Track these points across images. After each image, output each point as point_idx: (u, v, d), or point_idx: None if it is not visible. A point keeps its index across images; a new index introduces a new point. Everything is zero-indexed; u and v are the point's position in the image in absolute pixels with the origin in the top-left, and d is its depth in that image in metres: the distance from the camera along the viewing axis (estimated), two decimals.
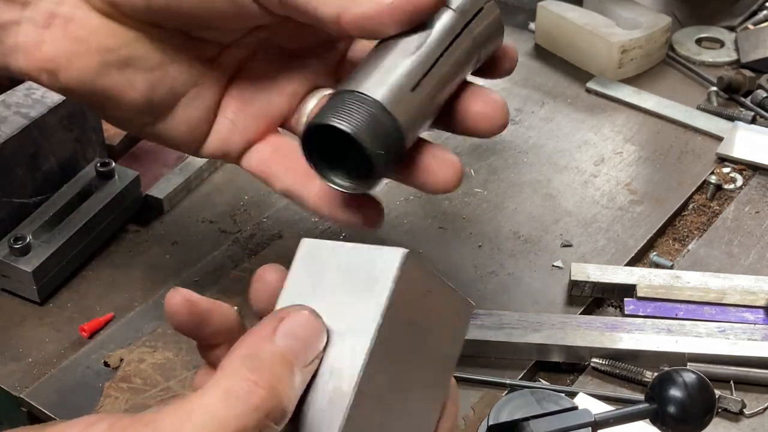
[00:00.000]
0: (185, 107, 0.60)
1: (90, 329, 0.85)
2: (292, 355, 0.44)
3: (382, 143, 0.53)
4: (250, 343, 0.44)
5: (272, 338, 0.44)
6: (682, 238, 0.98)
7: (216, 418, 0.40)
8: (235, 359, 0.43)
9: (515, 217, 1.00)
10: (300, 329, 0.45)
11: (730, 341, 0.84)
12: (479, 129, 0.59)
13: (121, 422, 0.41)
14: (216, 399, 0.41)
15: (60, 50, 0.56)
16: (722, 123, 1.11)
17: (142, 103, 0.58)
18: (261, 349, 0.44)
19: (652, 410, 0.64)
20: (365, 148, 0.53)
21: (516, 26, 1.27)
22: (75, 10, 0.55)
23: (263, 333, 0.45)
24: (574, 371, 0.84)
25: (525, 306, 0.89)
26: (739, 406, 0.80)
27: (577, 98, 1.16)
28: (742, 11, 1.29)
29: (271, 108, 0.63)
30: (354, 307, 0.46)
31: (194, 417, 0.40)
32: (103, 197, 0.93)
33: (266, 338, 0.44)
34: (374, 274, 0.45)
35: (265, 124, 0.63)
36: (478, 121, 0.59)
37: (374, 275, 0.45)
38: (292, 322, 0.45)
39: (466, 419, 0.80)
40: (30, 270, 0.86)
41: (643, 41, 1.17)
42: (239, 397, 0.41)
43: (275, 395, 0.42)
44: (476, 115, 0.59)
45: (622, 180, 1.04)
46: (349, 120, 0.52)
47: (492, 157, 1.07)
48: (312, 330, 0.45)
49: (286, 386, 0.43)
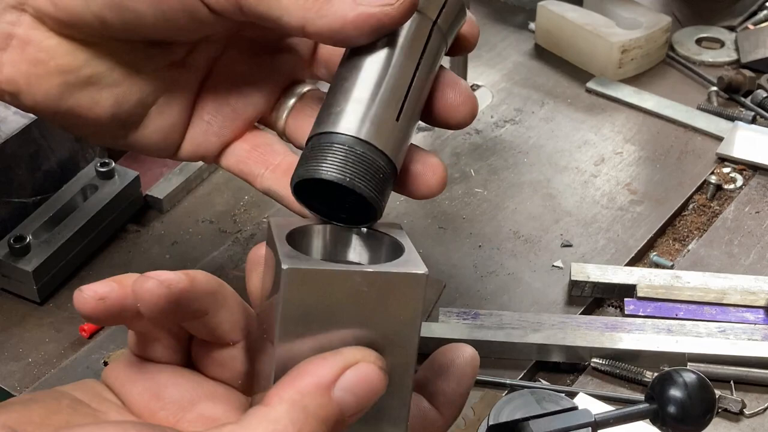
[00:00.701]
0: (157, 115, 0.58)
1: (90, 329, 0.85)
2: (343, 413, 0.42)
3: (378, 184, 0.49)
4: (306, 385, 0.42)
5: (330, 389, 0.42)
6: (682, 238, 0.98)
7: None
8: (284, 401, 0.41)
9: (515, 217, 1.00)
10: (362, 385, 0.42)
11: (730, 341, 0.84)
12: (451, 121, 0.56)
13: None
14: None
15: (19, 73, 0.54)
16: (722, 123, 1.11)
17: (110, 119, 0.56)
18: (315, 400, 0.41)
19: (652, 410, 0.64)
20: (363, 196, 0.49)
21: (516, 26, 1.27)
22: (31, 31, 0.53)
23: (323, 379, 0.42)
24: (574, 371, 0.84)
25: (525, 306, 0.89)
26: (739, 406, 0.80)
27: (577, 98, 1.16)
28: (742, 11, 1.29)
29: (247, 107, 0.60)
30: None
31: None
32: (103, 197, 0.93)
33: (324, 387, 0.42)
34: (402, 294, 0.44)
35: (243, 123, 0.61)
36: (450, 113, 0.56)
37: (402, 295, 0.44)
38: (356, 377, 0.42)
39: (466, 419, 0.80)
40: (30, 270, 0.86)
41: (643, 41, 1.17)
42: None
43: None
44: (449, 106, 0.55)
45: (622, 180, 1.04)
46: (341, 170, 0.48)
47: (492, 157, 1.07)
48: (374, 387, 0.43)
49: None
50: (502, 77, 1.19)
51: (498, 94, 1.17)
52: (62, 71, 0.53)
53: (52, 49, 0.52)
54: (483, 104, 1.15)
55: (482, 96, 1.17)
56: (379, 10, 0.46)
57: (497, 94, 1.17)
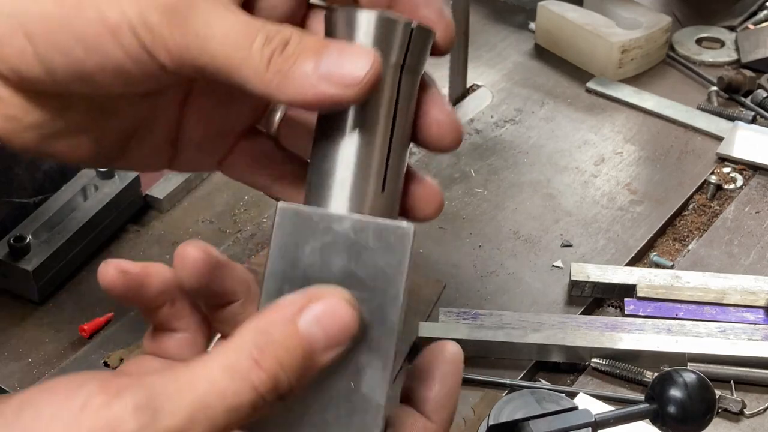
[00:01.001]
0: (139, 143, 0.57)
1: (90, 329, 0.85)
2: (311, 346, 0.41)
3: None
4: (270, 318, 0.42)
5: (295, 320, 0.42)
6: (682, 238, 0.98)
7: (216, 390, 0.40)
8: (247, 331, 0.41)
9: (515, 217, 1.00)
10: (329, 318, 0.42)
11: (730, 341, 0.84)
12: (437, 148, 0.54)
13: (114, 382, 0.40)
14: (218, 371, 0.40)
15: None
16: (722, 123, 1.11)
17: (94, 157, 0.56)
18: (278, 329, 0.41)
19: (653, 410, 0.64)
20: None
21: (516, 26, 1.27)
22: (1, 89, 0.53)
23: (287, 311, 0.42)
24: (574, 371, 0.84)
25: (525, 306, 0.89)
26: (739, 406, 0.80)
27: (577, 98, 1.16)
28: (742, 11, 1.29)
29: (234, 121, 0.59)
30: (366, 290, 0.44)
31: (195, 386, 0.40)
32: (103, 197, 0.93)
33: (288, 318, 0.42)
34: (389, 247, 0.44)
35: (233, 137, 0.60)
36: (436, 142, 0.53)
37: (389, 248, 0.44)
38: (322, 308, 0.42)
39: (466, 419, 0.80)
40: (30, 270, 0.86)
41: (643, 41, 1.17)
42: (238, 373, 0.40)
43: (275, 380, 0.41)
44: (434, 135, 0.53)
45: (622, 180, 1.04)
46: None
47: (492, 157, 1.07)
48: (344, 323, 0.42)
49: (292, 375, 0.41)
50: (502, 77, 1.19)
51: (498, 94, 1.17)
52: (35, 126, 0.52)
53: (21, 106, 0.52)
54: (483, 104, 1.15)
55: (482, 96, 1.17)
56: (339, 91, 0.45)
57: (497, 94, 1.17)
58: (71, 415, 0.39)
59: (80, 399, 0.39)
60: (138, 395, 0.39)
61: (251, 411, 0.40)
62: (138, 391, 0.39)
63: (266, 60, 0.45)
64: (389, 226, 0.45)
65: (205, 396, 0.40)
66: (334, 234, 0.45)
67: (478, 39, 1.22)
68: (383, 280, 0.44)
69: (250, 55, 0.45)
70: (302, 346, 0.42)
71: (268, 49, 0.45)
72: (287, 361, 0.41)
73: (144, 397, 0.39)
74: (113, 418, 0.39)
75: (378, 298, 0.44)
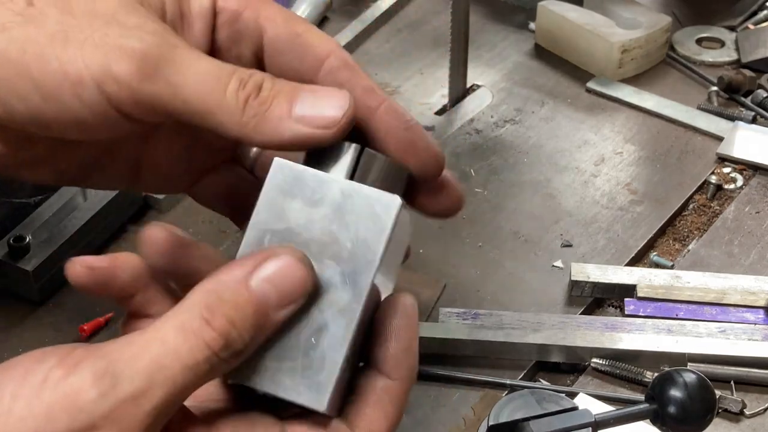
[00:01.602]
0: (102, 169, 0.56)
1: (90, 329, 0.85)
2: (263, 304, 0.42)
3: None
4: (221, 278, 0.42)
5: (247, 279, 0.42)
6: (682, 238, 0.98)
7: (170, 350, 0.40)
8: (198, 292, 0.42)
9: (515, 217, 1.00)
10: (281, 277, 0.43)
11: (730, 341, 0.84)
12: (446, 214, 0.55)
13: (72, 355, 0.40)
14: (171, 332, 0.41)
15: None
16: (722, 123, 1.11)
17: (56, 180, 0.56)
18: (229, 288, 0.42)
19: (653, 410, 0.64)
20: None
21: (516, 26, 1.27)
22: None
23: (238, 271, 0.43)
24: (574, 371, 0.84)
25: (525, 306, 0.89)
26: (739, 407, 0.80)
27: (577, 98, 1.16)
28: (742, 11, 1.29)
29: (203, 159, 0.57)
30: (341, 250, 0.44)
31: (150, 348, 0.40)
32: (103, 197, 0.93)
33: (240, 278, 0.42)
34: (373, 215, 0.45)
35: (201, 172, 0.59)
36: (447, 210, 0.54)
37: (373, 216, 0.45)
38: (274, 267, 0.43)
39: (466, 419, 0.80)
40: (30, 270, 0.86)
41: (643, 41, 1.17)
42: (191, 332, 0.41)
43: (226, 338, 0.41)
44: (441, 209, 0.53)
45: (622, 180, 1.04)
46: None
47: (492, 157, 1.07)
48: (296, 281, 0.43)
49: (245, 333, 0.42)
50: (502, 77, 1.19)
51: (498, 94, 1.17)
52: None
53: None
54: (483, 104, 1.15)
55: (482, 96, 1.17)
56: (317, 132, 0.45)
57: (497, 94, 1.17)
58: (32, 391, 0.39)
59: (40, 374, 0.40)
60: (96, 365, 0.40)
61: (209, 369, 0.41)
62: (96, 362, 0.40)
63: (241, 104, 0.45)
64: (377, 195, 0.45)
65: (160, 357, 0.40)
66: (322, 195, 0.45)
67: (478, 39, 1.22)
68: (362, 246, 0.45)
69: (225, 99, 0.44)
70: (253, 304, 0.42)
71: (243, 93, 0.45)
72: (237, 318, 0.42)
73: (102, 366, 0.40)
74: (73, 390, 0.39)
75: (354, 263, 0.45)
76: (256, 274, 0.43)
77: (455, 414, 0.81)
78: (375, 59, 1.23)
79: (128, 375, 0.40)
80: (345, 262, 0.45)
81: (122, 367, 0.40)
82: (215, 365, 0.41)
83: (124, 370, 0.40)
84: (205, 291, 0.42)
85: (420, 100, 1.17)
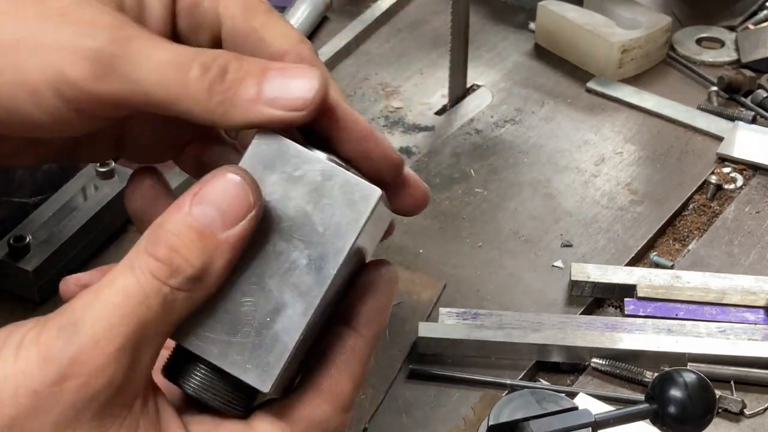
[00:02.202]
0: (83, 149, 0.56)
1: None
2: (204, 224, 0.42)
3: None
4: (164, 215, 0.42)
5: (185, 208, 0.42)
6: (682, 238, 0.98)
7: (120, 289, 0.41)
8: (144, 234, 0.42)
9: (515, 217, 1.00)
10: (220, 196, 0.42)
11: (730, 341, 0.84)
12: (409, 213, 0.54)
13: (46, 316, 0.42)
14: (117, 272, 0.41)
15: None
16: (722, 123, 1.11)
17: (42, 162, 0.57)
18: (169, 218, 0.42)
19: (653, 410, 0.64)
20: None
21: (516, 26, 1.27)
22: None
23: (180, 202, 0.42)
24: (574, 371, 0.84)
25: (525, 306, 0.89)
26: (739, 407, 0.80)
27: (577, 98, 1.16)
28: (742, 11, 1.29)
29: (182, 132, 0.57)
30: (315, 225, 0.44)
31: (104, 293, 0.41)
32: (103, 197, 0.93)
33: (180, 207, 0.42)
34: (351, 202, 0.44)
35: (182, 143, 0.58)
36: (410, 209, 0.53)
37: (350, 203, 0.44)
38: (212, 188, 0.42)
39: (466, 419, 0.80)
40: (30, 270, 0.86)
41: (643, 41, 1.17)
42: (135, 268, 0.41)
43: (170, 265, 0.41)
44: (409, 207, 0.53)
45: (623, 180, 1.04)
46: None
47: (492, 157, 1.07)
48: (238, 197, 0.42)
49: (192, 257, 0.41)
50: (502, 77, 1.19)
51: (498, 94, 1.17)
52: None
53: None
54: (483, 104, 1.15)
55: (482, 96, 1.17)
56: (288, 114, 0.45)
57: (497, 94, 1.17)
58: (11, 352, 0.41)
59: (18, 335, 0.42)
60: (61, 319, 0.42)
61: (162, 301, 0.41)
62: (61, 317, 0.42)
63: (205, 89, 0.44)
64: (357, 183, 0.44)
65: (110, 297, 0.41)
66: (303, 172, 0.44)
67: (478, 39, 1.22)
68: (334, 232, 0.44)
69: (188, 86, 0.44)
70: (195, 228, 0.42)
71: (207, 78, 0.44)
72: (181, 244, 0.42)
73: (65, 319, 0.41)
74: (43, 345, 0.41)
75: (322, 248, 0.44)
76: (195, 201, 0.42)
77: (455, 414, 0.81)
78: (375, 59, 1.23)
79: (87, 320, 0.41)
80: (314, 245, 0.44)
81: (80, 315, 0.41)
82: (168, 297, 0.41)
83: (83, 317, 0.41)
84: (149, 229, 0.42)
85: (420, 100, 1.17)
